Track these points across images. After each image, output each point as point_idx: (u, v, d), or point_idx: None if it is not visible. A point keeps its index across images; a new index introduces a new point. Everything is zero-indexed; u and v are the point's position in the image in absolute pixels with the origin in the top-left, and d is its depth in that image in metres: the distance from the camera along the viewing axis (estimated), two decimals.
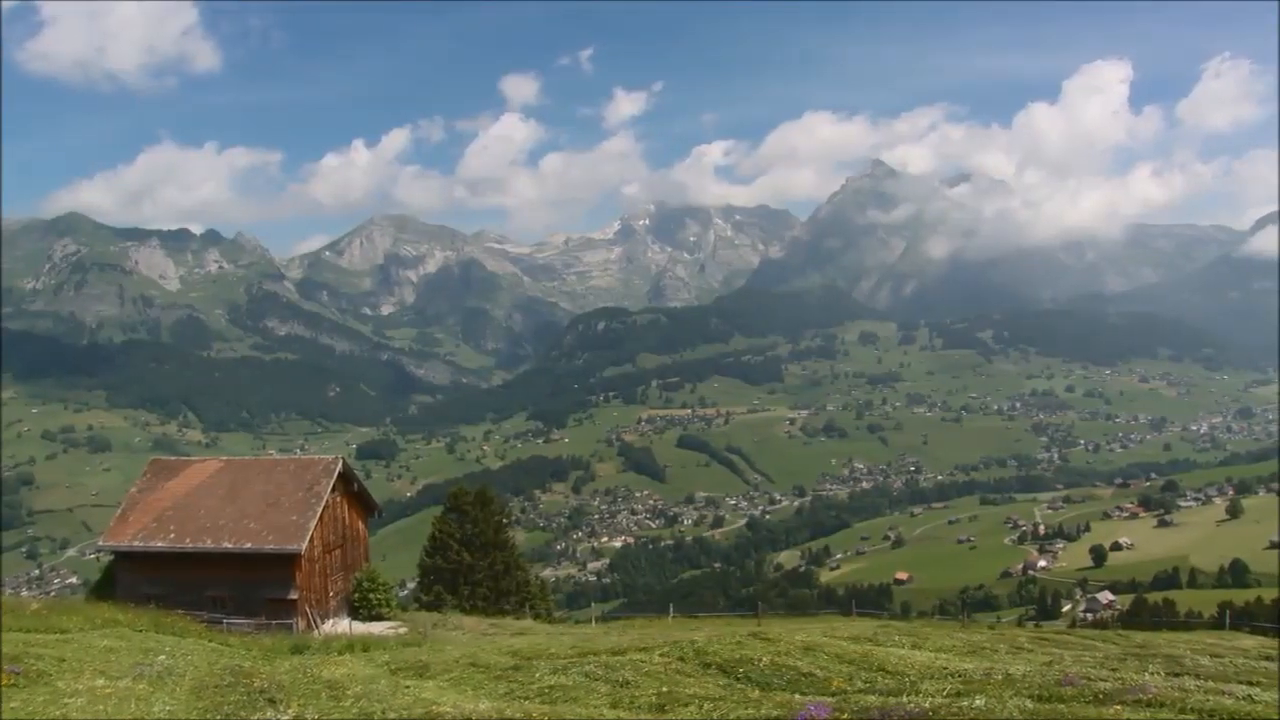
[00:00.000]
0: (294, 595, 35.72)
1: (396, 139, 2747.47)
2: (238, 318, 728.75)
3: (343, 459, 40.40)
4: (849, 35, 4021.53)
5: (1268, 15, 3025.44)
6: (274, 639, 29.26)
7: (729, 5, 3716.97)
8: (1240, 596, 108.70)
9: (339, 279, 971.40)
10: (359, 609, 39.89)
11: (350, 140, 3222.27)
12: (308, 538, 35.61)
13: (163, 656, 21.39)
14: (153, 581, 36.07)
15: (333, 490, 38.34)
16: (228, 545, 35.59)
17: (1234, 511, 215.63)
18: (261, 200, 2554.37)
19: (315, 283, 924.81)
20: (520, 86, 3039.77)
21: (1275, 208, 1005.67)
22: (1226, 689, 15.51)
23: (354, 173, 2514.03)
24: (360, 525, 42.77)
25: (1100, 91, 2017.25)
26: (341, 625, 37.44)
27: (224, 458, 41.91)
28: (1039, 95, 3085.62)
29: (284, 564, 35.71)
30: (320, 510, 36.83)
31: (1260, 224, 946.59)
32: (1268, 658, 25.14)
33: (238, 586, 35.94)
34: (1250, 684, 17.27)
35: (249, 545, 35.52)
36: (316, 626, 36.24)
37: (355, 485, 41.75)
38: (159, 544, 36.16)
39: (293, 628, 34.53)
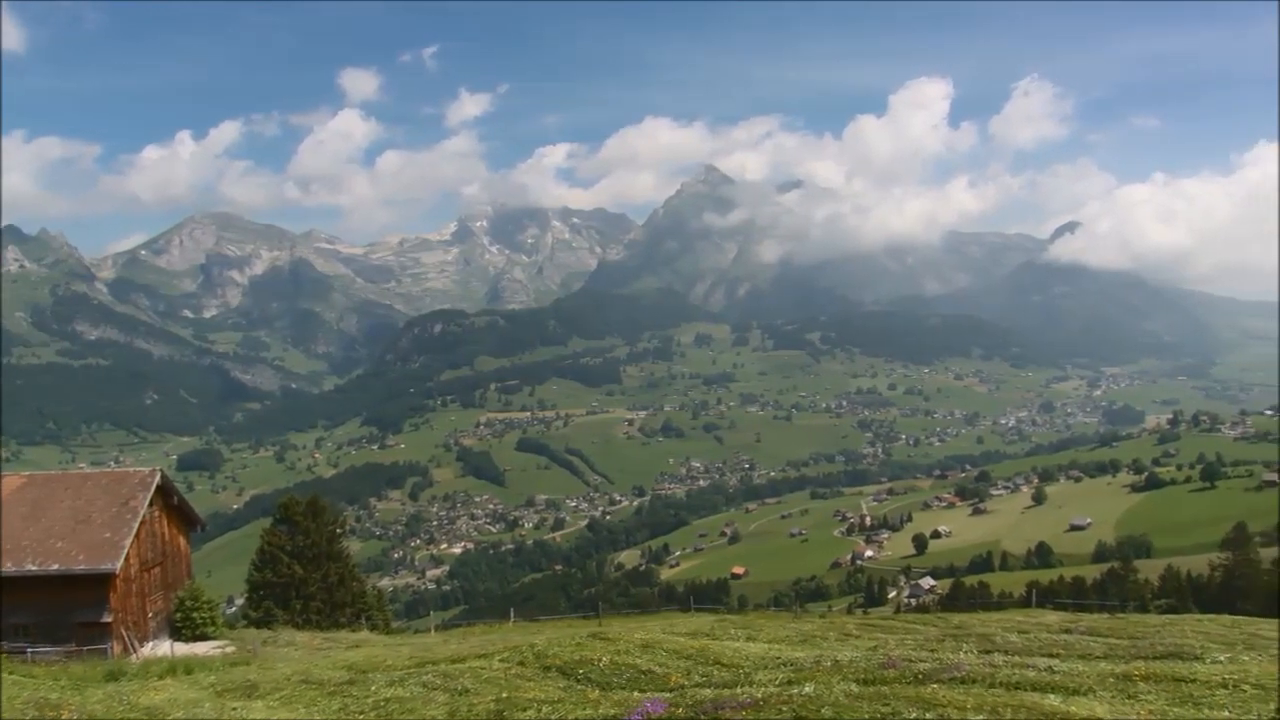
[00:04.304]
0: (108, 618, 33.52)
1: (226, 132, 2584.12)
2: (42, 321, 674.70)
3: (161, 471, 38.18)
4: (691, 44, 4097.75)
5: (1071, 41, 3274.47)
6: (86, 666, 27.35)
7: (576, 7, 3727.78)
8: (1045, 576, 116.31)
9: (157, 279, 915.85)
10: (181, 629, 37.84)
11: (174, 132, 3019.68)
12: (123, 556, 33.50)
13: None
14: None
15: (150, 504, 36.21)
16: (31, 567, 33.05)
17: (1039, 498, 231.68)
18: (72, 194, 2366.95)
19: (131, 283, 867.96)
20: (359, 82, 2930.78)
21: (1072, 218, 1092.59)
22: (1030, 662, 16.75)
23: (177, 167, 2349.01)
24: (181, 541, 40.58)
25: (923, 107, 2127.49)
26: (162, 647, 35.43)
27: (26, 473, 38.87)
28: (868, 108, 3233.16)
29: (97, 585, 33.46)
30: (136, 526, 34.71)
31: (1058, 233, 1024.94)
32: (1067, 631, 27.22)
33: (44, 612, 33.41)
34: (1051, 656, 18.71)
35: (56, 566, 33.10)
36: (134, 650, 34.15)
37: (175, 498, 39.59)
38: None
39: (107, 653, 32.39)
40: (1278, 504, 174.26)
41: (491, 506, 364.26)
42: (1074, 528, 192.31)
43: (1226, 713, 12.48)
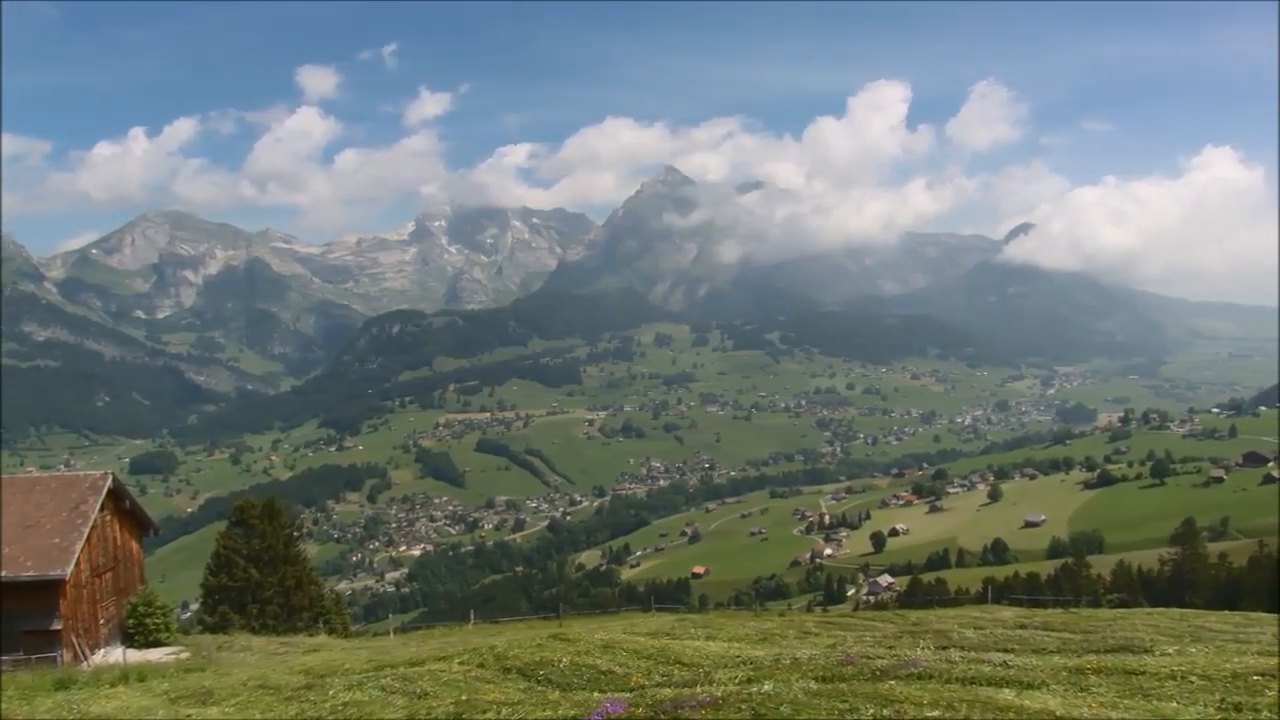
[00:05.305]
0: (57, 625, 32.83)
1: (180, 129, 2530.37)
2: None
3: (112, 474, 37.46)
4: (653, 44, 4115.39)
5: (1025, 45, 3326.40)
6: (34, 675, 26.73)
7: (539, 7, 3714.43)
8: (1001, 572, 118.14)
9: (109, 279, 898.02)
10: (134, 636, 37.18)
11: (127, 129, 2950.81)
12: (73, 562, 32.82)
13: None
14: None
15: (101, 509, 35.52)
16: None
17: (994, 495, 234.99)
18: (20, 192, 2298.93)
19: (81, 283, 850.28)
20: (318, 79, 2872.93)
21: (1026, 220, 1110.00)
22: (986, 657, 16.99)
23: (130, 164, 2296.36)
24: (134, 545, 39.87)
25: (881, 109, 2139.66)
26: (114, 655, 34.79)
27: None
28: (827, 110, 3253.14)
29: (46, 592, 32.75)
30: (87, 531, 34.04)
31: (1012, 234, 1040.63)
32: (1022, 626, 27.63)
33: None
34: (1006, 651, 18.99)
35: (4, 573, 32.35)
36: (85, 658, 33.49)
37: (127, 502, 38.87)
38: None
39: (57, 661, 31.74)
40: (1224, 500, 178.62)
41: (451, 508, 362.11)
42: (1028, 524, 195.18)
43: (1175, 703, 12.76)
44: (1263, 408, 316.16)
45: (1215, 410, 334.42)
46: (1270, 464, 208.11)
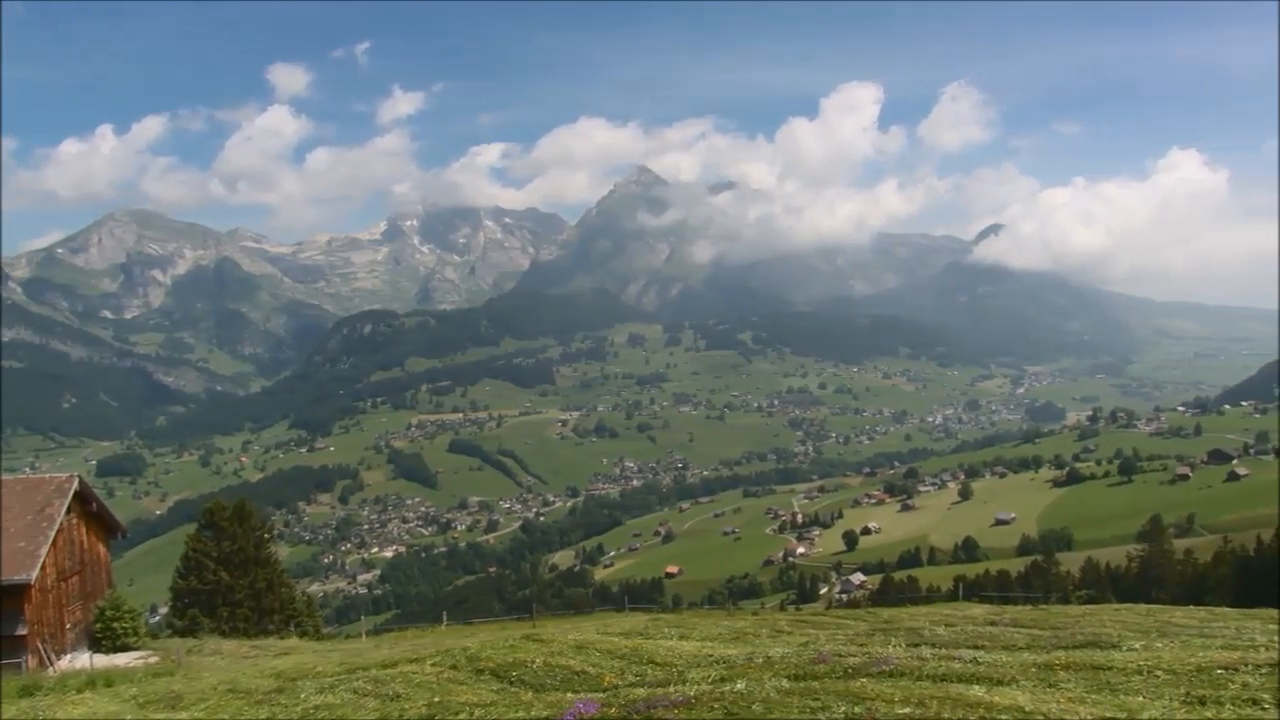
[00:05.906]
0: (22, 631, 32.35)
1: (149, 127, 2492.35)
2: None
3: (79, 476, 36.96)
4: (627, 44, 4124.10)
5: (996, 47, 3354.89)
6: None
7: (514, 6, 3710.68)
8: (971, 570, 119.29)
9: (75, 279, 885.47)
10: (102, 640, 36.70)
11: (94, 127, 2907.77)
12: (38, 566, 32.36)
13: None
14: None
15: (68, 511, 35.04)
16: None
17: (965, 494, 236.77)
18: None
19: (47, 283, 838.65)
20: (289, 77, 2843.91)
21: (996, 220, 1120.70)
22: (957, 654, 17.13)
23: (97, 162, 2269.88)
24: (101, 549, 39.36)
25: (854, 110, 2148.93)
26: (81, 660, 34.34)
27: None
28: (800, 111, 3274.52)
29: (11, 596, 32.27)
30: (53, 534, 33.57)
31: (983, 235, 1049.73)
32: (992, 623, 27.89)
33: None
34: (976, 648, 19.14)
35: None
36: (51, 663, 33.03)
37: (94, 505, 38.37)
38: None
39: (22, 667, 31.28)
40: (1189, 497, 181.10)
41: (423, 509, 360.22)
42: (999, 522, 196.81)
43: (1141, 697, 12.93)
44: (1227, 406, 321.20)
45: (1181, 409, 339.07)
46: (1235, 461, 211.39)
